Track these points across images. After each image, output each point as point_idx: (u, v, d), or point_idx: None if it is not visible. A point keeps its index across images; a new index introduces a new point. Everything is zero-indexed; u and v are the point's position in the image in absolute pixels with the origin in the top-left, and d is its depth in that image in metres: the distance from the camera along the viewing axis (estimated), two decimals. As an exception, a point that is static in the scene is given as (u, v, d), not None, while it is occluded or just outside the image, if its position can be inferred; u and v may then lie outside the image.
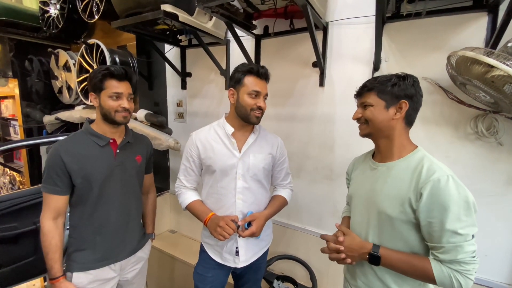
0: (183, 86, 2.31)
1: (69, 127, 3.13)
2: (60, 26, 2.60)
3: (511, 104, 1.01)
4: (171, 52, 2.29)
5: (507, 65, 0.88)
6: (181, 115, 2.38)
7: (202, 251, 1.35)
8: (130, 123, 1.46)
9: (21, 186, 3.94)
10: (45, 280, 2.19)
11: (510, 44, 0.99)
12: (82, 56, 2.38)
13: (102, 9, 2.12)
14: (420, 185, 0.80)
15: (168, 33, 2.00)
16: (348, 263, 0.90)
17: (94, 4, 2.19)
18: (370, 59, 1.47)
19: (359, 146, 1.27)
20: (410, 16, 1.28)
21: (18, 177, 4.00)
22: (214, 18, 1.75)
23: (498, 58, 0.91)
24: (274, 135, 1.37)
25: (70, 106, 2.90)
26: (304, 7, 1.21)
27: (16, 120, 3.60)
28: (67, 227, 1.24)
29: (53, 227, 1.10)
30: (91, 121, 1.23)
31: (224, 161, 1.21)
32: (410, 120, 0.91)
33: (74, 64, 2.56)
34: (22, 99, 3.19)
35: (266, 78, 1.21)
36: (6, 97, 4.01)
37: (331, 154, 1.66)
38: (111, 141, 1.21)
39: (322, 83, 1.64)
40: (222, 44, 1.98)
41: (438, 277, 0.78)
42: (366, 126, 0.94)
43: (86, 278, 1.16)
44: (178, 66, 2.26)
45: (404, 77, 0.89)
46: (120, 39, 2.59)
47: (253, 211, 1.23)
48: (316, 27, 1.44)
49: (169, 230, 2.60)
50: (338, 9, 1.55)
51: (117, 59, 2.28)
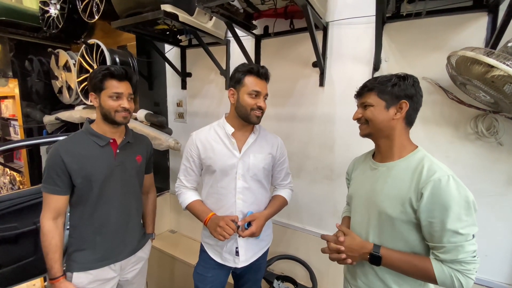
0: (183, 86, 2.31)
1: (69, 127, 3.12)
2: (60, 26, 2.60)
3: (511, 104, 1.02)
4: (171, 52, 2.29)
5: (507, 65, 0.89)
6: (181, 115, 2.38)
7: (202, 251, 1.35)
8: (130, 123, 1.46)
9: (21, 186, 3.94)
10: (45, 280, 2.19)
11: (510, 44, 0.99)
12: (82, 56, 2.38)
13: (102, 9, 2.12)
14: (420, 185, 0.80)
15: (168, 33, 2.00)
16: (348, 263, 0.90)
17: (94, 4, 2.19)
18: (370, 59, 1.47)
19: (359, 146, 1.27)
20: (410, 16, 1.28)
21: (18, 177, 3.99)
22: (214, 18, 1.75)
23: (498, 58, 0.91)
24: (274, 135, 1.37)
25: (70, 106, 2.90)
26: (304, 7, 1.21)
27: (16, 120, 3.59)
28: (67, 227, 1.24)
29: (53, 227, 1.10)
30: (91, 121, 1.23)
31: (224, 161, 1.21)
32: (410, 120, 0.91)
33: (74, 64, 2.56)
34: (22, 99, 3.19)
35: (266, 78, 1.21)
36: (6, 97, 4.01)
37: (331, 154, 1.66)
38: (111, 141, 1.21)
39: (322, 83, 1.64)
40: (222, 44, 1.98)
41: (439, 277, 0.78)
42: (367, 126, 0.94)
43: (86, 278, 1.16)
44: (178, 66, 2.26)
45: (404, 77, 0.89)
46: (120, 39, 2.59)
47: (253, 211, 1.23)
48: (316, 27, 1.44)
49: (169, 230, 2.60)
50: (338, 9, 1.55)
51: (117, 59, 2.28)
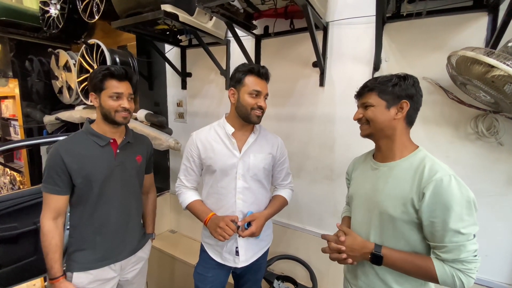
0: (183, 86, 2.31)
1: (69, 127, 3.12)
2: (60, 26, 2.59)
3: (511, 104, 1.02)
4: (171, 52, 2.29)
5: (507, 65, 0.89)
6: (181, 115, 2.38)
7: (202, 251, 1.35)
8: (130, 123, 1.46)
9: (21, 186, 3.94)
10: (45, 280, 2.19)
11: (510, 44, 0.99)
12: (82, 56, 2.38)
13: (102, 9, 2.12)
14: (422, 184, 0.80)
15: (168, 33, 2.00)
16: (349, 263, 0.90)
17: (95, 4, 2.19)
18: (370, 59, 1.47)
19: (359, 146, 1.27)
20: (410, 16, 1.28)
21: (18, 177, 3.99)
22: (214, 18, 1.75)
23: (498, 58, 0.91)
24: (274, 135, 1.37)
25: (71, 106, 2.90)
26: (304, 7, 1.21)
27: (16, 120, 3.59)
28: (67, 227, 1.24)
29: (53, 227, 1.10)
30: (91, 121, 1.23)
31: (224, 161, 1.21)
32: (411, 120, 0.91)
33: (74, 64, 2.55)
34: (22, 99, 3.19)
35: (267, 78, 1.21)
36: (6, 97, 4.00)
37: (331, 154, 1.66)
38: (111, 141, 1.21)
39: (322, 83, 1.64)
40: (222, 44, 1.98)
41: (440, 276, 0.78)
42: (368, 126, 0.94)
43: (86, 278, 1.16)
44: (178, 66, 2.26)
45: (404, 77, 0.89)
46: (120, 39, 2.58)
47: (253, 211, 1.23)
48: (316, 27, 1.44)
49: (169, 230, 2.60)
50: (338, 9, 1.55)
51: (117, 59, 2.28)
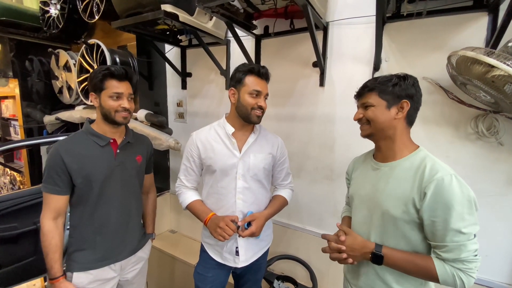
0: (183, 86, 2.31)
1: (69, 127, 3.12)
2: (60, 26, 2.59)
3: (512, 104, 1.02)
4: (171, 52, 2.29)
5: (508, 65, 0.88)
6: (181, 115, 2.38)
7: (203, 251, 1.35)
8: (130, 123, 1.46)
9: (21, 186, 3.94)
10: (45, 280, 2.19)
11: (510, 44, 0.99)
12: (83, 56, 2.38)
13: (102, 9, 2.12)
14: (423, 184, 0.80)
15: (168, 33, 2.00)
16: (349, 263, 0.90)
17: (95, 4, 2.19)
18: (370, 59, 1.47)
19: (359, 146, 1.27)
20: (410, 16, 1.28)
21: (18, 177, 3.99)
22: (214, 18, 1.75)
23: (499, 58, 0.91)
24: (275, 135, 1.37)
25: (71, 106, 2.90)
26: (304, 7, 1.21)
27: (16, 120, 3.59)
28: (67, 227, 1.24)
29: (53, 227, 1.10)
30: (92, 121, 1.23)
31: (224, 161, 1.21)
32: (411, 120, 0.91)
33: (75, 64, 2.55)
34: (22, 99, 3.19)
35: (267, 78, 1.22)
36: (6, 97, 4.00)
37: (332, 154, 1.66)
38: (112, 141, 1.21)
39: (322, 83, 1.64)
40: (222, 44, 1.98)
41: (441, 275, 0.78)
42: (368, 126, 0.94)
43: (86, 278, 1.16)
44: (178, 66, 2.26)
45: (404, 77, 0.89)
46: (120, 39, 2.58)
47: (253, 211, 1.23)
48: (316, 27, 1.44)
49: (169, 230, 2.60)
50: (338, 9, 1.55)
51: (117, 59, 2.28)
